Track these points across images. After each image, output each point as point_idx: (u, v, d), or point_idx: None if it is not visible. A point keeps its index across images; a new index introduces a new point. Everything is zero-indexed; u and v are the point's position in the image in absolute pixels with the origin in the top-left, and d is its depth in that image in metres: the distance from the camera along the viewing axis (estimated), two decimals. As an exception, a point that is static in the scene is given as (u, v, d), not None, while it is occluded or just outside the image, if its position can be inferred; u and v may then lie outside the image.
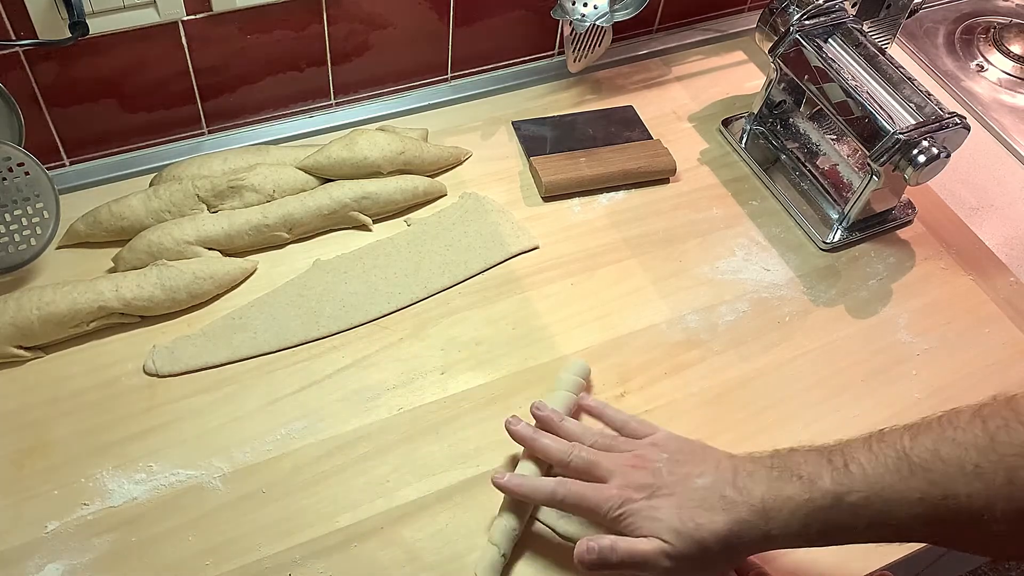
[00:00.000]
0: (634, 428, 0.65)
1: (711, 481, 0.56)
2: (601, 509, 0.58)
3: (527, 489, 0.61)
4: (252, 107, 0.88)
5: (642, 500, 0.57)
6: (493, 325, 0.77)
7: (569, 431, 0.64)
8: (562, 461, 0.61)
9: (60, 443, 0.67)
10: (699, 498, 0.56)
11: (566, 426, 0.65)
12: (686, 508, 0.56)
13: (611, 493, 0.58)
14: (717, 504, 0.55)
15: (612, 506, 0.57)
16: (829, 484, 0.53)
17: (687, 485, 0.57)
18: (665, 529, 0.55)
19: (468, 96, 0.96)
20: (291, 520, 0.64)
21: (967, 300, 0.83)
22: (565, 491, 0.59)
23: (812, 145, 0.91)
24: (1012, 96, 1.04)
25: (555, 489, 0.60)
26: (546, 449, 0.63)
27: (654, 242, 0.85)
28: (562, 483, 0.60)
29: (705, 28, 1.07)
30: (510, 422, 0.65)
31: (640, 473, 0.59)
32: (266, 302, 0.76)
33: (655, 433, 0.63)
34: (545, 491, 0.60)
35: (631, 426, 0.65)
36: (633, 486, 0.58)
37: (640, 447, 0.62)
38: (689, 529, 0.55)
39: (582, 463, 0.61)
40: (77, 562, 0.61)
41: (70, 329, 0.71)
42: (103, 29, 0.75)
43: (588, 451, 0.62)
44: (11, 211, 0.73)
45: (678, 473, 0.58)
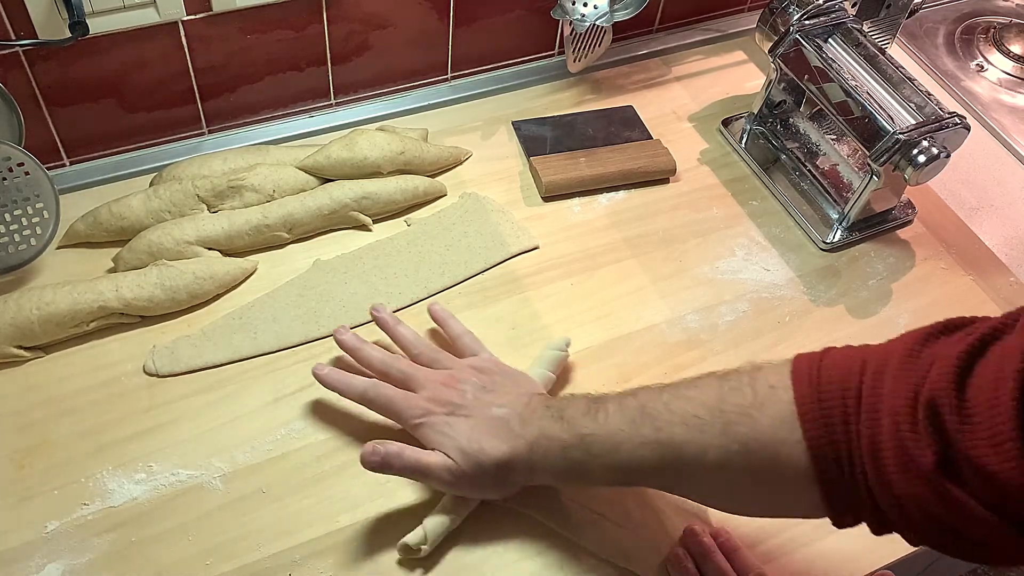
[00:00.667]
0: (465, 344, 0.70)
1: (506, 413, 0.61)
2: (404, 414, 0.63)
3: (342, 385, 0.65)
4: (252, 107, 0.88)
5: (441, 415, 0.62)
6: (493, 325, 0.77)
7: (401, 336, 0.69)
8: (382, 371, 0.66)
9: (60, 443, 0.67)
10: (490, 425, 0.60)
11: (400, 331, 0.69)
12: (477, 431, 0.60)
13: (416, 403, 0.63)
14: (503, 434, 0.60)
15: (414, 414, 0.62)
16: (579, 428, 0.57)
17: (485, 412, 0.61)
18: (453, 446, 0.60)
19: (468, 96, 0.96)
20: (291, 520, 0.64)
21: (967, 300, 0.83)
22: (375, 393, 0.64)
23: (812, 145, 0.91)
24: (1012, 96, 1.04)
25: (367, 389, 0.64)
26: (369, 358, 0.67)
27: (654, 242, 0.85)
28: (375, 385, 0.64)
29: (705, 28, 1.07)
30: (338, 331, 0.69)
31: (448, 391, 0.63)
32: (266, 302, 0.76)
33: (479, 354, 0.69)
34: (357, 388, 0.64)
35: (463, 340, 0.70)
36: (438, 401, 0.62)
37: (459, 367, 0.66)
38: (474, 450, 0.59)
39: (399, 374, 0.65)
40: (77, 562, 0.61)
41: (70, 329, 0.71)
42: (103, 29, 0.75)
43: (408, 364, 0.66)
44: (11, 211, 0.73)
45: (482, 399, 0.63)
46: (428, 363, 0.67)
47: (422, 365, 0.67)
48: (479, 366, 0.66)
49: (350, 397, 0.65)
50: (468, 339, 0.70)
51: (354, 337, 0.69)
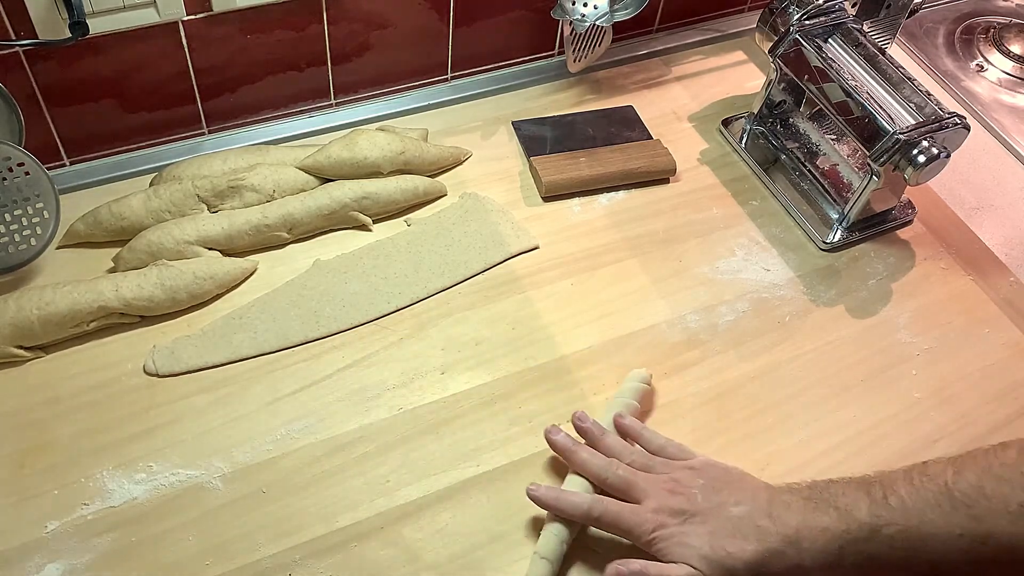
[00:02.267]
0: (672, 452, 0.64)
1: (746, 510, 0.56)
2: (635, 531, 0.58)
3: (562, 503, 0.61)
4: (252, 107, 0.88)
5: (675, 525, 0.57)
6: (493, 325, 0.77)
7: (609, 446, 0.64)
8: (600, 477, 0.61)
9: (60, 443, 0.67)
10: (732, 526, 0.56)
11: (607, 441, 0.64)
12: (718, 536, 0.56)
13: (646, 516, 0.58)
14: (751, 533, 0.55)
15: (646, 529, 0.57)
16: (866, 516, 0.52)
17: (722, 513, 0.57)
18: (696, 556, 0.55)
19: (468, 96, 0.96)
20: (291, 520, 0.64)
21: (967, 300, 0.83)
22: (602, 510, 0.59)
23: (812, 145, 0.91)
24: (1012, 96, 1.04)
25: (591, 507, 0.59)
26: (584, 464, 0.62)
27: (654, 242, 0.85)
28: (599, 501, 0.60)
29: (705, 28, 1.07)
30: (550, 431, 0.65)
31: (676, 498, 0.59)
32: (266, 302, 0.76)
33: (693, 458, 0.63)
34: (581, 508, 0.60)
35: (669, 450, 0.64)
36: (668, 510, 0.58)
37: (677, 471, 0.61)
38: (720, 557, 0.55)
39: (619, 482, 0.60)
40: (77, 562, 0.61)
41: (70, 329, 0.71)
42: (103, 29, 0.75)
43: (626, 470, 0.61)
44: (11, 211, 0.73)
45: (713, 500, 0.58)
46: (643, 468, 0.62)
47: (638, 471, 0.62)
48: (698, 467, 0.62)
49: (574, 517, 0.61)
50: (673, 447, 0.65)
51: (568, 439, 0.64)
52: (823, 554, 0.53)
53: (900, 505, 0.51)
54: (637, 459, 0.63)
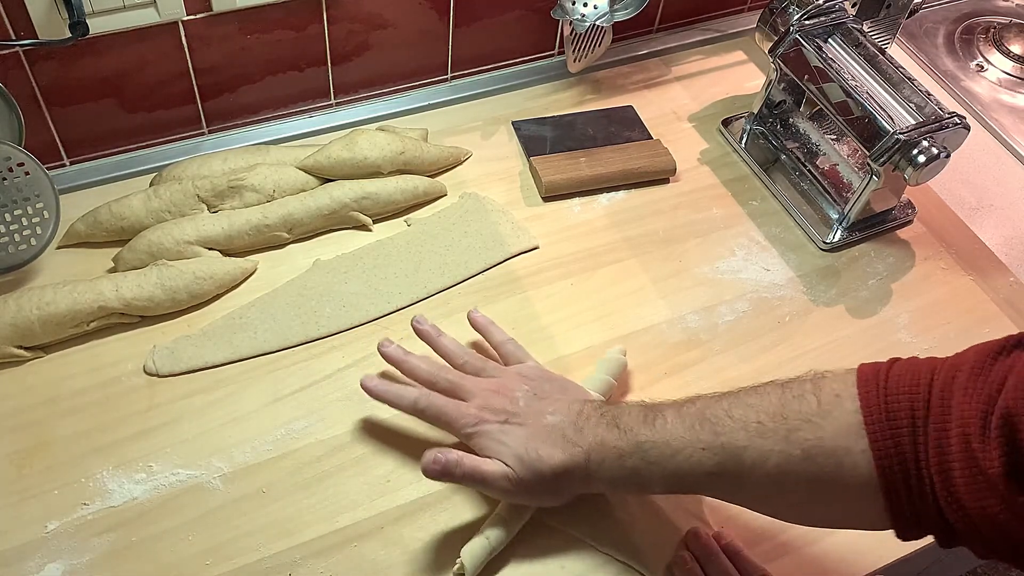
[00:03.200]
0: (509, 350, 0.69)
1: (559, 420, 0.61)
2: (456, 423, 0.62)
3: (391, 395, 0.65)
4: (252, 107, 0.88)
5: (496, 423, 0.61)
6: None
7: (445, 347, 0.68)
8: (429, 382, 0.65)
9: (60, 443, 0.67)
10: (545, 433, 0.60)
11: (443, 341, 0.69)
12: (532, 439, 0.60)
13: (469, 411, 0.62)
14: (559, 441, 0.59)
15: (467, 423, 0.61)
16: (636, 436, 0.57)
17: (538, 419, 0.61)
18: (510, 454, 0.59)
19: (468, 96, 0.96)
20: (291, 520, 0.64)
21: (967, 300, 0.83)
22: (427, 402, 0.63)
23: (812, 145, 0.91)
24: (1012, 96, 1.04)
25: (417, 398, 0.63)
26: (415, 369, 0.66)
27: (654, 242, 0.85)
28: (426, 395, 0.64)
29: (705, 28, 1.07)
30: (382, 344, 0.68)
31: (500, 399, 0.63)
32: (266, 302, 0.76)
33: (525, 361, 0.68)
34: (408, 399, 0.64)
35: (507, 347, 0.69)
36: (491, 409, 0.62)
37: (506, 375, 0.66)
38: (531, 458, 0.59)
39: (448, 384, 0.64)
40: (77, 562, 0.61)
41: (70, 329, 0.71)
42: (103, 29, 0.75)
43: (455, 374, 0.66)
44: (11, 211, 0.73)
45: (534, 407, 0.62)
46: (474, 372, 0.66)
47: (468, 374, 0.66)
48: (527, 373, 0.66)
49: (401, 408, 0.64)
50: (511, 346, 0.69)
51: (398, 349, 0.67)
52: (604, 468, 0.58)
53: (663, 426, 0.56)
54: (469, 361, 0.67)
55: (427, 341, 0.69)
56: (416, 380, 0.66)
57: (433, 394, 0.64)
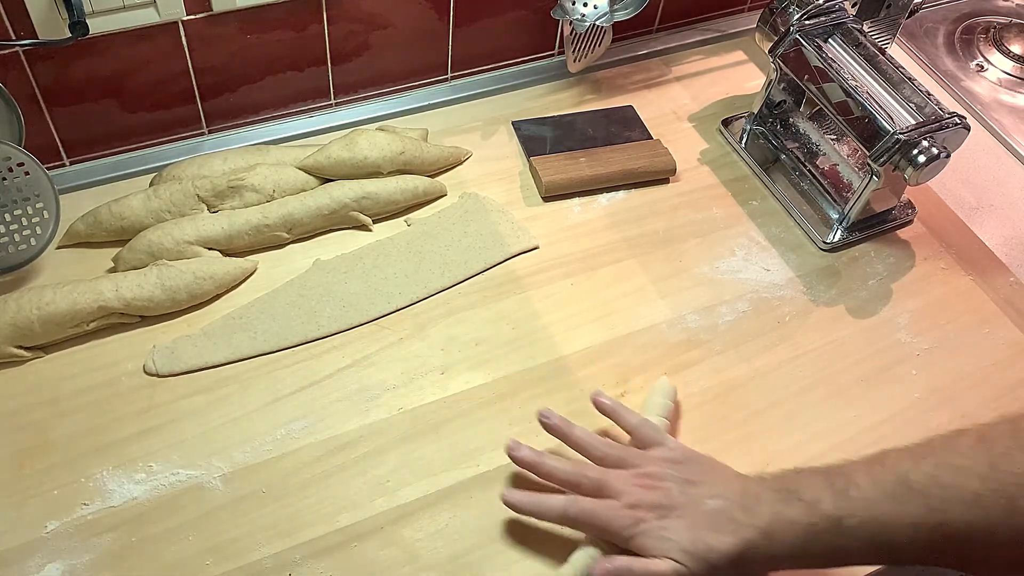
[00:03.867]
0: (645, 434, 0.64)
1: (722, 504, 0.57)
2: (612, 527, 0.58)
3: (537, 507, 0.61)
4: (252, 107, 0.88)
5: (654, 520, 0.57)
6: (493, 325, 0.77)
7: (579, 440, 0.64)
8: (571, 483, 0.61)
9: (60, 443, 0.67)
10: (710, 520, 0.56)
11: (576, 434, 0.64)
12: (697, 529, 0.56)
13: (624, 512, 0.58)
14: (726, 526, 0.56)
15: (624, 524, 0.58)
16: (830, 508, 0.53)
17: (698, 506, 0.57)
18: (677, 550, 0.55)
19: (468, 96, 0.96)
20: (291, 520, 0.64)
21: (967, 300, 0.83)
22: (577, 510, 0.59)
23: (812, 145, 0.91)
24: (1012, 96, 1.04)
25: (566, 508, 0.60)
26: (552, 472, 0.62)
27: (654, 242, 0.85)
28: (573, 501, 0.60)
29: (705, 28, 1.07)
30: (511, 448, 0.64)
31: (652, 493, 0.59)
32: (266, 302, 0.76)
33: (665, 444, 0.63)
34: (556, 509, 0.60)
35: (643, 431, 0.64)
36: (645, 505, 0.58)
37: (650, 463, 0.61)
38: (700, 550, 0.55)
39: (591, 484, 0.60)
40: (77, 562, 0.61)
41: (70, 329, 0.71)
42: (103, 29, 0.75)
43: (597, 470, 0.61)
44: (11, 211, 0.73)
45: (689, 494, 0.58)
46: (615, 464, 0.62)
47: (609, 467, 0.62)
48: (671, 458, 0.61)
49: (550, 519, 0.61)
50: (648, 429, 0.64)
51: (531, 452, 0.63)
52: (792, 546, 0.54)
53: (860, 496, 0.52)
54: (608, 454, 0.62)
55: (558, 436, 0.64)
56: (555, 483, 0.62)
57: (581, 499, 0.60)
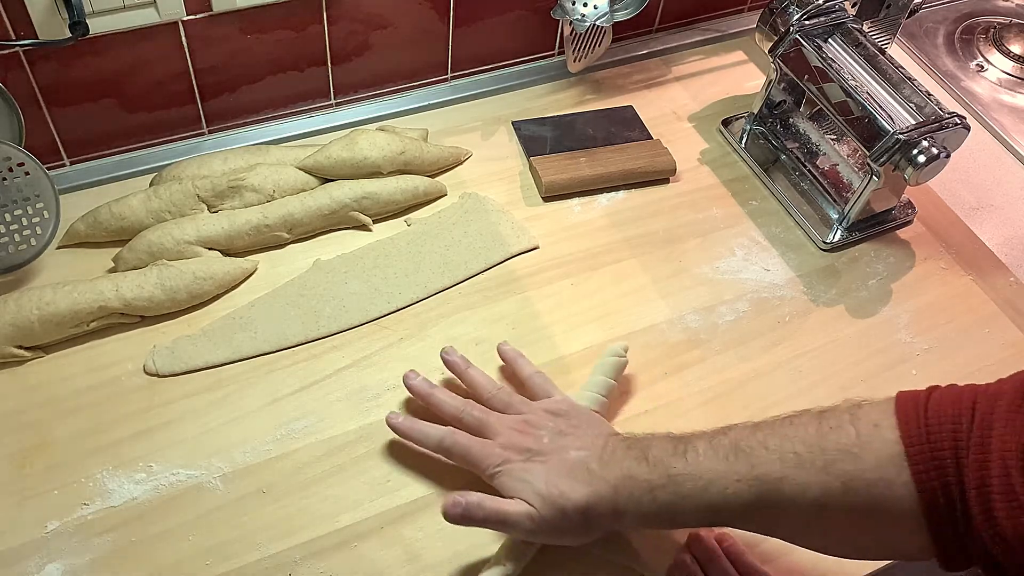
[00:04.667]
0: (537, 383, 0.68)
1: (583, 455, 0.59)
2: (481, 464, 0.61)
3: (417, 434, 0.65)
4: (252, 107, 0.88)
5: (519, 462, 0.60)
6: (493, 325, 0.77)
7: (473, 379, 0.68)
8: (455, 418, 0.65)
9: (60, 443, 0.67)
10: (568, 468, 0.59)
11: (471, 373, 0.68)
12: (555, 475, 0.59)
13: (494, 451, 0.61)
14: (582, 476, 0.58)
15: (491, 463, 0.61)
16: (668, 469, 0.56)
17: (562, 455, 0.60)
18: (532, 492, 0.58)
19: (468, 96, 0.96)
20: (291, 520, 0.64)
21: (967, 300, 0.83)
22: (452, 441, 0.63)
23: (812, 145, 0.91)
24: (1012, 96, 1.04)
25: (443, 438, 0.63)
26: (441, 404, 0.66)
27: (654, 242, 0.85)
28: (451, 433, 0.63)
29: (705, 28, 1.07)
30: (408, 376, 0.68)
31: (524, 437, 0.62)
32: (266, 302, 0.76)
33: (552, 395, 0.67)
34: (434, 438, 0.64)
35: (535, 380, 0.68)
36: (515, 447, 0.61)
37: (532, 411, 0.65)
38: (553, 495, 0.58)
39: (473, 420, 0.64)
40: (77, 562, 0.61)
41: (70, 329, 0.71)
42: (103, 29, 0.75)
43: (480, 410, 0.65)
44: (11, 211, 0.73)
45: (558, 443, 0.61)
46: (501, 407, 0.65)
47: (494, 409, 0.65)
48: (553, 409, 0.65)
49: (426, 447, 0.64)
50: (539, 379, 0.68)
51: (424, 382, 0.67)
52: (635, 502, 0.56)
53: (694, 458, 0.55)
54: (496, 396, 0.66)
55: (455, 372, 0.69)
56: (441, 415, 0.66)
57: (458, 433, 0.63)
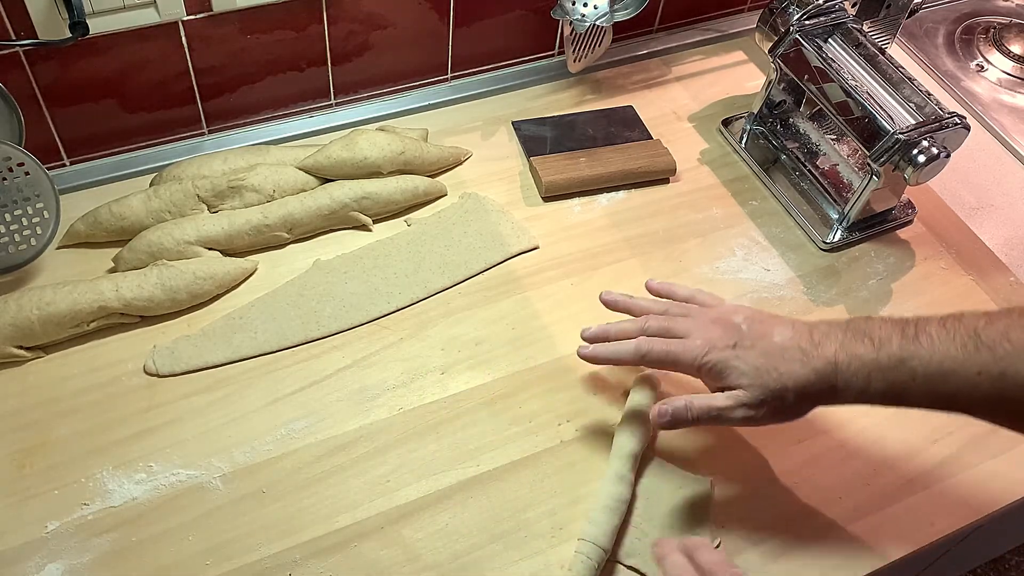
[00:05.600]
0: (703, 299, 0.67)
1: (789, 337, 0.59)
2: (686, 358, 0.60)
3: (614, 354, 0.64)
4: (252, 107, 0.88)
5: (726, 349, 0.60)
6: (493, 325, 0.77)
7: (642, 306, 0.67)
8: (641, 328, 0.64)
9: (60, 443, 0.67)
10: (778, 350, 0.59)
11: (638, 302, 0.68)
12: (768, 358, 0.58)
13: (696, 343, 0.61)
14: (795, 356, 0.58)
15: (698, 355, 0.60)
16: (896, 349, 0.55)
17: (767, 340, 0.60)
18: (746, 377, 0.58)
19: (468, 96, 0.96)
20: (291, 520, 0.64)
21: (967, 300, 0.83)
22: (649, 346, 0.62)
23: (812, 145, 0.91)
24: (1012, 96, 1.04)
25: (639, 346, 0.62)
26: (623, 329, 0.65)
27: (654, 242, 0.85)
28: (646, 340, 0.63)
29: (705, 28, 1.07)
30: (584, 332, 0.67)
31: (720, 328, 0.62)
32: (266, 302, 0.76)
33: (724, 303, 0.66)
34: (629, 349, 0.63)
35: (700, 296, 0.68)
36: (716, 338, 0.61)
37: (717, 308, 0.65)
38: (772, 378, 0.58)
39: (659, 325, 0.63)
40: (77, 562, 0.61)
41: (70, 329, 0.71)
42: (103, 29, 0.75)
43: (666, 318, 0.64)
44: (11, 211, 0.73)
45: (757, 330, 0.61)
46: (682, 314, 0.65)
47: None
48: (734, 307, 0.64)
49: (625, 361, 0.64)
50: (703, 295, 0.68)
51: (598, 326, 0.67)
52: (855, 378, 0.56)
53: (929, 343, 0.54)
54: (672, 308, 0.66)
55: (622, 308, 0.69)
56: (627, 335, 0.65)
57: (654, 339, 0.63)
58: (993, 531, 0.97)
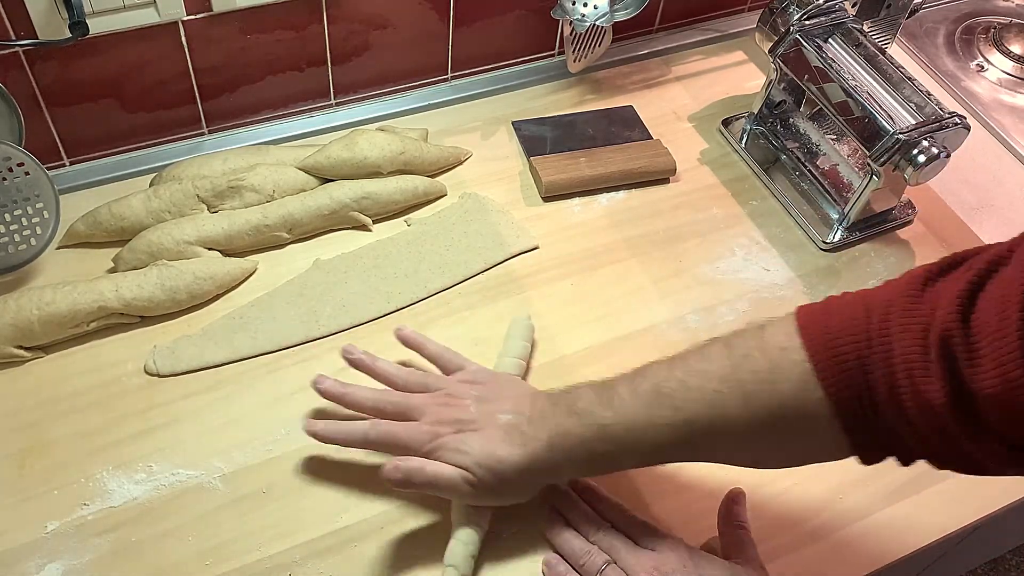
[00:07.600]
0: (448, 360, 0.68)
1: (513, 419, 0.60)
2: (412, 445, 0.61)
3: (342, 435, 0.63)
4: (252, 107, 0.88)
5: (451, 435, 0.60)
6: (493, 325, 0.77)
7: (383, 371, 0.67)
8: (376, 409, 0.64)
9: (60, 443, 0.67)
10: (502, 434, 0.60)
11: (379, 366, 0.67)
12: (490, 442, 0.59)
13: (423, 430, 0.61)
14: (516, 440, 0.59)
15: (423, 440, 0.61)
16: (596, 418, 0.57)
17: (492, 420, 0.61)
18: (470, 461, 0.59)
19: (468, 96, 0.96)
20: (291, 520, 0.64)
21: (967, 300, 0.83)
22: (377, 432, 0.62)
23: (812, 145, 0.91)
24: (1012, 96, 1.04)
25: (367, 431, 0.62)
26: (358, 401, 0.65)
27: (654, 242, 0.85)
28: (374, 424, 0.62)
29: (705, 28, 1.07)
30: (316, 381, 0.66)
31: (450, 410, 0.62)
32: (266, 302, 0.76)
33: (466, 367, 0.67)
34: (358, 434, 0.63)
35: (445, 358, 0.68)
36: (443, 422, 0.61)
37: (451, 384, 0.65)
38: (491, 462, 0.59)
39: (395, 408, 0.63)
40: (77, 562, 0.61)
41: (70, 329, 0.71)
42: (103, 29, 0.75)
43: (399, 395, 0.65)
44: (11, 211, 0.73)
45: (485, 410, 0.62)
46: (418, 389, 0.65)
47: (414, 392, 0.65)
48: (471, 379, 0.65)
49: (353, 445, 0.63)
50: (449, 355, 0.68)
51: (336, 383, 0.65)
52: (570, 454, 0.58)
53: (620, 405, 0.56)
54: (411, 379, 0.66)
55: (363, 369, 0.67)
56: (361, 411, 0.65)
57: (382, 422, 0.62)
58: (993, 531, 0.97)
